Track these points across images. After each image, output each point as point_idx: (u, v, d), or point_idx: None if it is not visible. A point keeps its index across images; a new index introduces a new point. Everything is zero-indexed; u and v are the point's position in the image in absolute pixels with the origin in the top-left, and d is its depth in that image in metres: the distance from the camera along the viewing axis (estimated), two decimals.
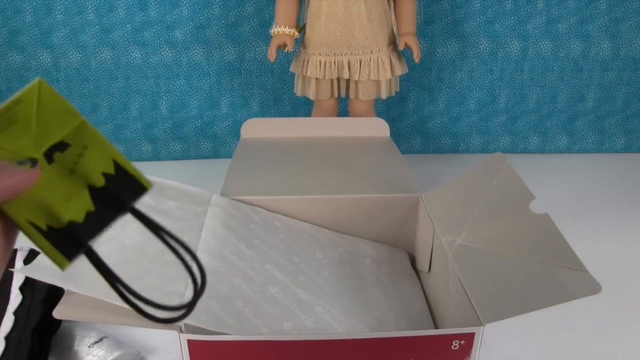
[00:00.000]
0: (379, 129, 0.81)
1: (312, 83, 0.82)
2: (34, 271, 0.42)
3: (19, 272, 0.43)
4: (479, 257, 0.49)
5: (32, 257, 0.57)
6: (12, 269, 0.55)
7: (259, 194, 0.63)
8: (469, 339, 0.42)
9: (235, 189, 0.63)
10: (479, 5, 0.95)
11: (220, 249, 0.53)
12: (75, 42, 0.94)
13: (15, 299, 0.53)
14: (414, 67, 0.95)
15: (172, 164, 1.03)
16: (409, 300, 0.58)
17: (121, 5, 0.92)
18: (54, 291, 0.54)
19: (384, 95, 0.83)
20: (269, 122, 0.81)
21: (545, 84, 1.01)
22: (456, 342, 0.42)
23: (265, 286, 0.51)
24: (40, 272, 0.41)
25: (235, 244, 0.54)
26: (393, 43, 0.83)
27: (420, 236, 0.64)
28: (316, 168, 0.70)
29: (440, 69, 1.00)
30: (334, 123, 0.82)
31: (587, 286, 0.39)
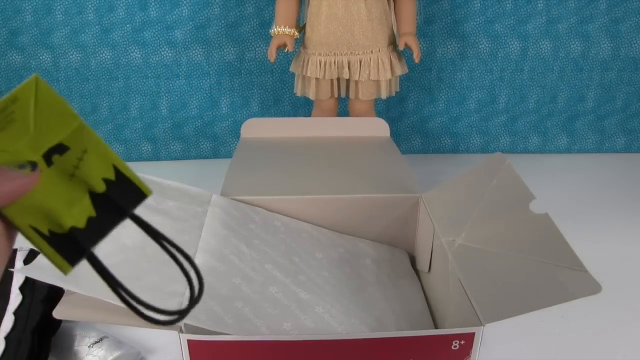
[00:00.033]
0: (379, 129, 0.81)
1: (312, 83, 0.82)
2: (34, 271, 0.42)
3: (19, 272, 0.43)
4: (479, 257, 0.49)
5: (32, 257, 0.57)
6: (12, 269, 0.55)
7: (259, 194, 0.63)
8: (469, 339, 0.42)
9: (235, 189, 0.63)
10: (479, 5, 0.95)
11: (220, 249, 0.53)
12: (75, 42, 0.94)
13: (15, 299, 0.53)
14: (414, 67, 0.95)
15: (172, 164, 1.03)
16: (409, 300, 0.58)
17: (121, 5, 0.92)
18: (54, 291, 0.54)
19: (384, 95, 0.83)
20: (269, 122, 0.81)
21: (545, 84, 1.01)
22: (456, 342, 0.42)
23: (265, 286, 0.51)
24: (40, 272, 0.41)
25: (235, 244, 0.54)
26: (393, 43, 0.83)
27: (420, 236, 0.64)
28: (316, 168, 0.70)
29: (440, 69, 1.00)
30: (334, 123, 0.82)
31: (587, 286, 0.39)
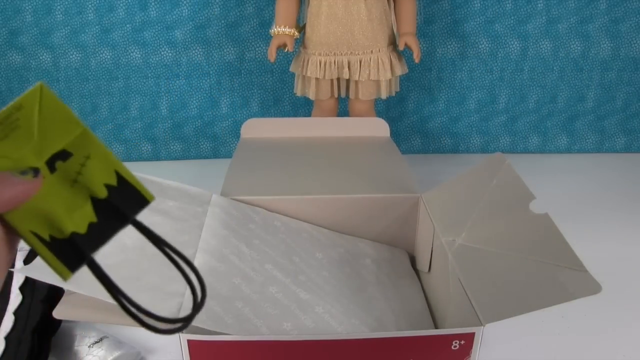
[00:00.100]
0: (379, 129, 0.81)
1: (312, 83, 0.82)
2: (34, 271, 0.42)
3: (19, 272, 0.43)
4: (479, 257, 0.49)
5: (32, 257, 0.57)
6: (12, 269, 0.55)
7: (259, 194, 0.63)
8: (469, 339, 0.42)
9: (235, 189, 0.63)
10: (479, 5, 0.95)
11: (220, 249, 0.53)
12: (75, 42, 0.94)
13: (15, 299, 0.53)
14: (414, 67, 0.95)
15: (172, 164, 1.03)
16: (409, 300, 0.58)
17: (121, 5, 0.92)
18: (54, 291, 0.54)
19: (384, 95, 0.83)
20: (269, 122, 0.81)
21: (545, 84, 1.01)
22: (456, 342, 0.42)
23: (265, 286, 0.51)
24: (40, 272, 0.41)
25: (235, 244, 0.54)
26: (393, 43, 0.83)
27: (420, 236, 0.64)
28: (316, 168, 0.70)
29: (440, 69, 1.00)
30: (334, 123, 0.82)
31: (587, 286, 0.39)
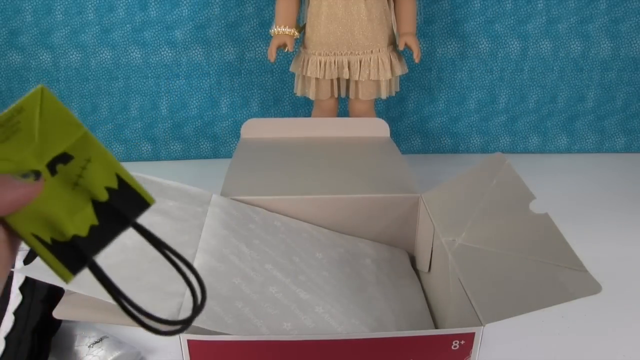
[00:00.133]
0: (379, 129, 0.81)
1: (312, 83, 0.82)
2: (34, 271, 0.42)
3: (19, 272, 0.43)
4: (479, 257, 0.49)
5: (32, 257, 0.57)
6: (12, 269, 0.55)
7: (259, 194, 0.63)
8: (469, 339, 0.42)
9: (235, 189, 0.63)
10: (479, 5, 0.95)
11: (220, 249, 0.53)
12: (75, 42, 0.94)
13: (15, 299, 0.53)
14: (414, 67, 0.95)
15: (172, 164, 1.03)
16: (409, 300, 0.58)
17: (121, 5, 0.92)
18: (54, 291, 0.54)
19: (384, 95, 0.83)
20: (269, 123, 0.81)
21: (545, 84, 1.01)
22: (456, 342, 0.42)
23: (265, 286, 0.51)
24: (40, 272, 0.41)
25: (235, 244, 0.54)
26: (393, 43, 0.83)
27: (420, 236, 0.64)
28: (316, 168, 0.70)
29: (440, 69, 1.00)
30: (334, 123, 0.82)
31: (587, 286, 0.39)
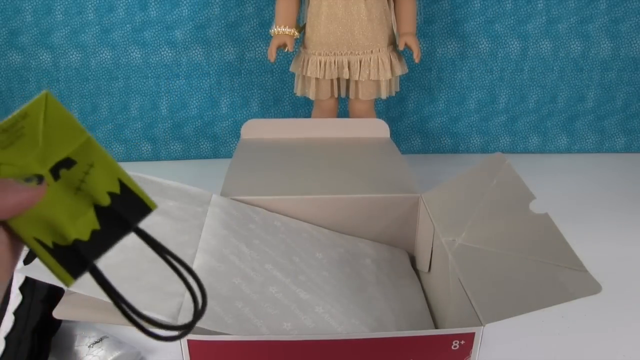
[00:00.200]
0: (379, 130, 0.81)
1: (312, 83, 0.82)
2: (34, 271, 0.42)
3: (19, 272, 0.43)
4: (479, 257, 0.49)
5: (32, 257, 0.57)
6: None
7: (259, 194, 0.63)
8: (469, 339, 0.42)
9: (235, 189, 0.63)
10: (479, 5, 0.95)
11: (220, 249, 0.53)
12: (75, 42, 0.94)
13: (15, 299, 0.53)
14: (414, 67, 0.95)
15: (172, 164, 1.03)
16: (409, 300, 0.58)
17: (121, 5, 0.92)
18: (54, 291, 0.54)
19: (384, 95, 0.83)
20: (269, 123, 0.81)
21: (545, 84, 1.01)
22: (456, 342, 0.42)
23: (265, 286, 0.51)
24: (40, 272, 0.41)
25: (235, 244, 0.54)
26: (393, 43, 0.83)
27: (420, 236, 0.64)
28: (316, 168, 0.70)
29: (440, 69, 1.00)
30: (334, 124, 0.82)
31: (587, 286, 0.39)
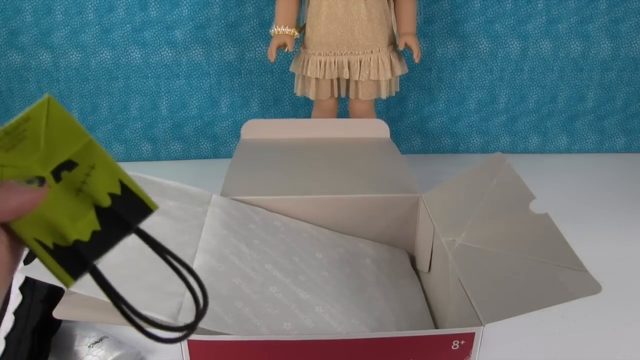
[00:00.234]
0: (379, 130, 0.81)
1: (312, 83, 0.82)
2: (34, 271, 0.42)
3: (19, 272, 0.43)
4: (479, 257, 0.49)
5: (32, 257, 0.57)
6: None
7: (259, 194, 0.63)
8: (469, 339, 0.42)
9: (235, 189, 0.63)
10: (479, 5, 0.95)
11: (220, 249, 0.53)
12: (75, 42, 0.94)
13: (15, 299, 0.53)
14: (414, 67, 0.95)
15: (172, 164, 1.03)
16: (409, 300, 0.58)
17: (121, 5, 0.92)
18: (54, 291, 0.54)
19: (384, 95, 0.83)
20: (269, 124, 0.81)
21: (545, 84, 1.01)
22: (456, 342, 0.42)
23: (265, 286, 0.51)
24: (40, 272, 0.41)
25: (235, 244, 0.54)
26: (393, 43, 0.83)
27: (420, 236, 0.64)
28: (316, 168, 0.70)
29: (440, 69, 1.00)
30: (334, 124, 0.82)
31: (587, 286, 0.39)
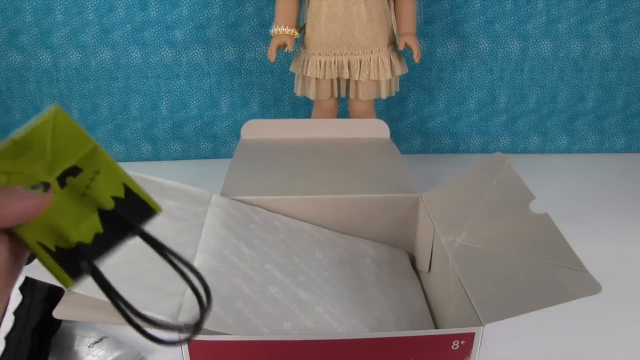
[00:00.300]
0: (379, 130, 0.81)
1: (312, 83, 0.82)
2: (34, 271, 0.42)
3: None
4: (479, 257, 0.49)
5: (33, 257, 0.57)
6: None
7: (259, 194, 0.63)
8: (469, 339, 0.42)
9: (235, 189, 0.63)
10: (479, 5, 0.95)
11: (220, 249, 0.53)
12: (75, 42, 0.94)
13: (15, 299, 0.53)
14: (414, 67, 0.95)
15: (172, 164, 1.03)
16: (409, 300, 0.58)
17: (121, 5, 0.92)
18: (54, 291, 0.55)
19: (384, 95, 0.83)
20: (269, 124, 0.81)
21: (545, 84, 1.01)
22: (456, 342, 0.42)
23: (265, 286, 0.51)
24: (40, 272, 0.41)
25: (235, 244, 0.54)
26: (393, 43, 0.83)
27: (420, 236, 0.64)
28: (316, 169, 0.70)
29: (440, 69, 1.00)
30: (334, 124, 0.82)
31: (587, 286, 0.39)
